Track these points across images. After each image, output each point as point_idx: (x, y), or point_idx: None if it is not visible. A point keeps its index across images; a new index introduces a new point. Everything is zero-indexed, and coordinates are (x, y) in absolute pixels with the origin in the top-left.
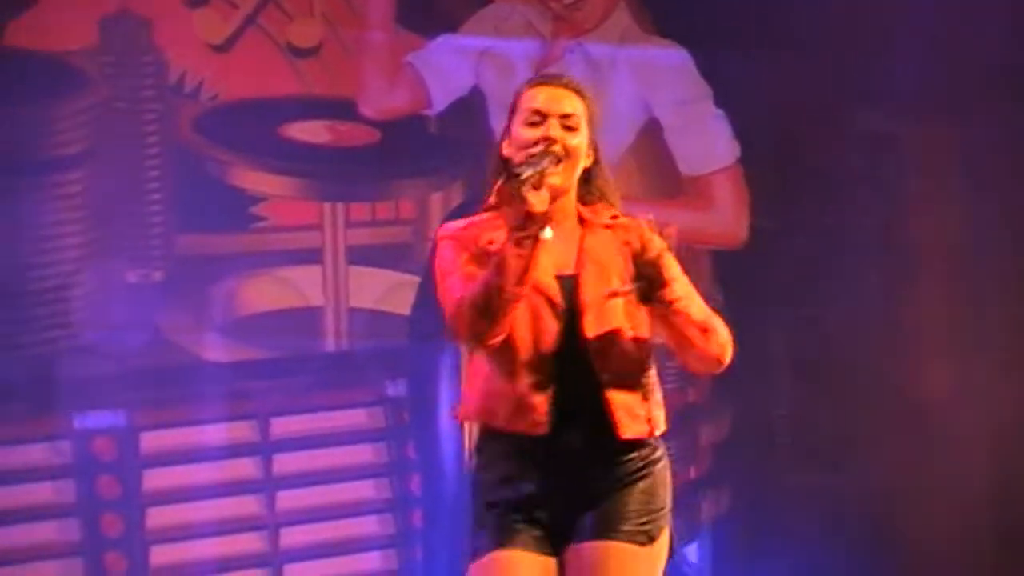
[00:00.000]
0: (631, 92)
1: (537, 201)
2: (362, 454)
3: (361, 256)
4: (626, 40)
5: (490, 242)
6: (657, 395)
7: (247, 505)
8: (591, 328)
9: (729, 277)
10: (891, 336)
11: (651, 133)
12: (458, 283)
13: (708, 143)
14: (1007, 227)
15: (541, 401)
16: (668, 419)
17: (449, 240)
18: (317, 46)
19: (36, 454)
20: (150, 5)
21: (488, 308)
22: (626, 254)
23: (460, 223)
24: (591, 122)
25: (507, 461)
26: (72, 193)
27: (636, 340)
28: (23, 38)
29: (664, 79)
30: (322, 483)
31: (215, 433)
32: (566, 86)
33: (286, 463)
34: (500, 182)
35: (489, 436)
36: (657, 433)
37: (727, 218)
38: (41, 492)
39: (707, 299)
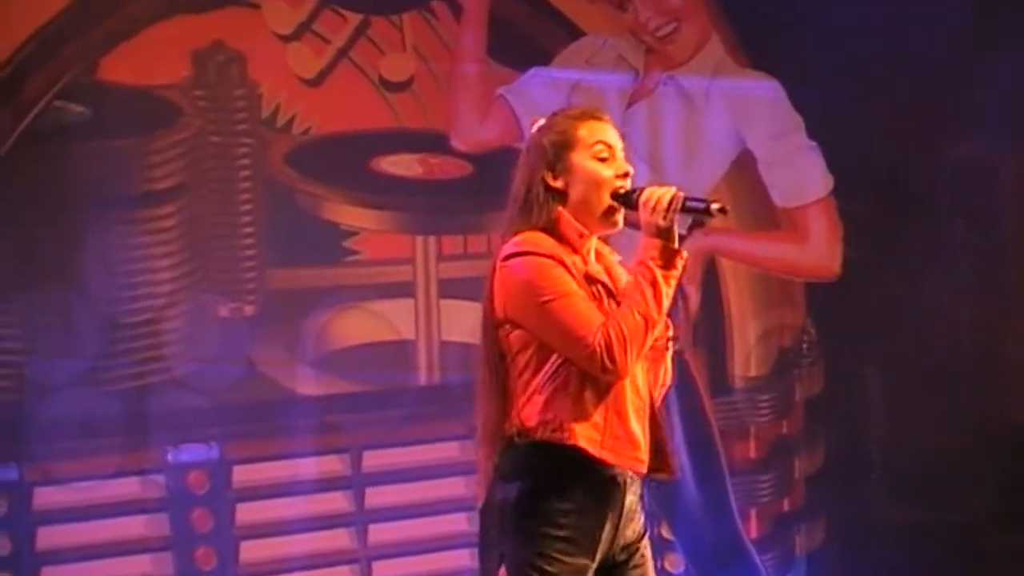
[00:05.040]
0: (725, 124)
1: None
2: (454, 487)
3: (453, 289)
4: (719, 73)
5: (596, 271)
6: None
7: (339, 538)
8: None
9: (823, 309)
10: (987, 368)
11: (745, 165)
12: (585, 307)
13: (802, 175)
14: None
15: (642, 438)
16: (762, 452)
17: (550, 260)
18: (409, 80)
19: (130, 488)
20: (243, 39)
21: (645, 342)
22: None
23: (546, 243)
24: None
25: (585, 494)
26: (165, 227)
27: None
28: (117, 72)
29: (757, 111)
30: (414, 517)
31: (307, 467)
32: (610, 122)
33: (378, 496)
34: (663, 216)
35: (585, 462)
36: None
37: (820, 250)
38: (135, 526)
39: (801, 332)
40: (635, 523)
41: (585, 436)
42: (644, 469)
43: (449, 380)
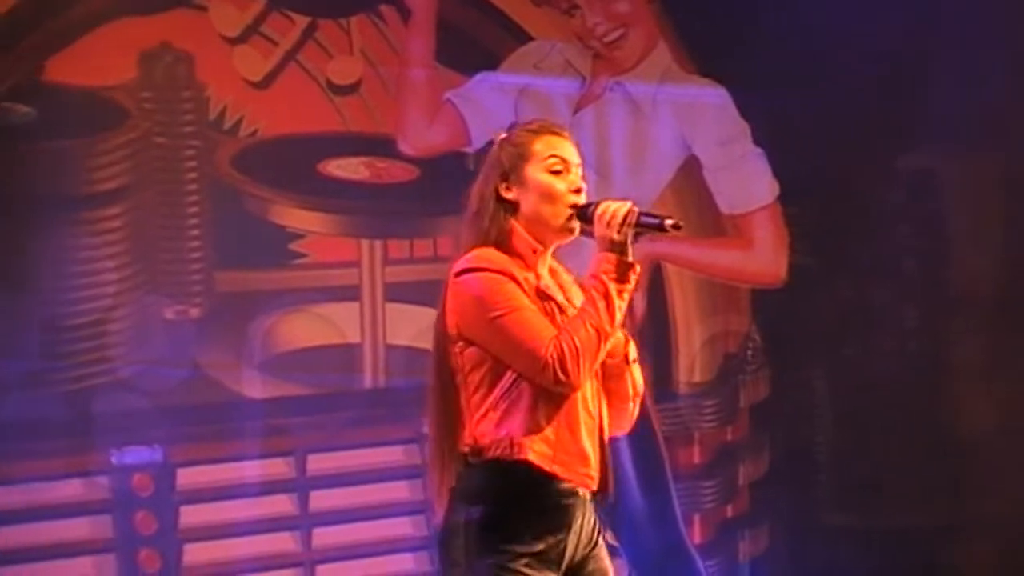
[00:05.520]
0: (671, 131)
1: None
2: (398, 491)
3: (399, 293)
4: (666, 79)
5: (547, 286)
6: None
7: (283, 542)
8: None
9: (768, 315)
10: (934, 374)
11: (691, 171)
12: (536, 321)
13: (747, 182)
14: None
15: (594, 456)
16: (707, 458)
17: (502, 275)
18: (356, 83)
19: (74, 490)
20: (190, 41)
21: (599, 354)
22: None
23: (498, 258)
24: None
25: (546, 510)
26: (111, 228)
27: None
28: (63, 73)
29: (704, 118)
30: (358, 520)
31: (252, 469)
32: (569, 138)
33: (322, 500)
34: (617, 229)
35: (530, 480)
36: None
37: (766, 257)
38: (79, 528)
39: (746, 338)
40: (594, 531)
41: (536, 451)
42: (594, 486)
43: (394, 384)
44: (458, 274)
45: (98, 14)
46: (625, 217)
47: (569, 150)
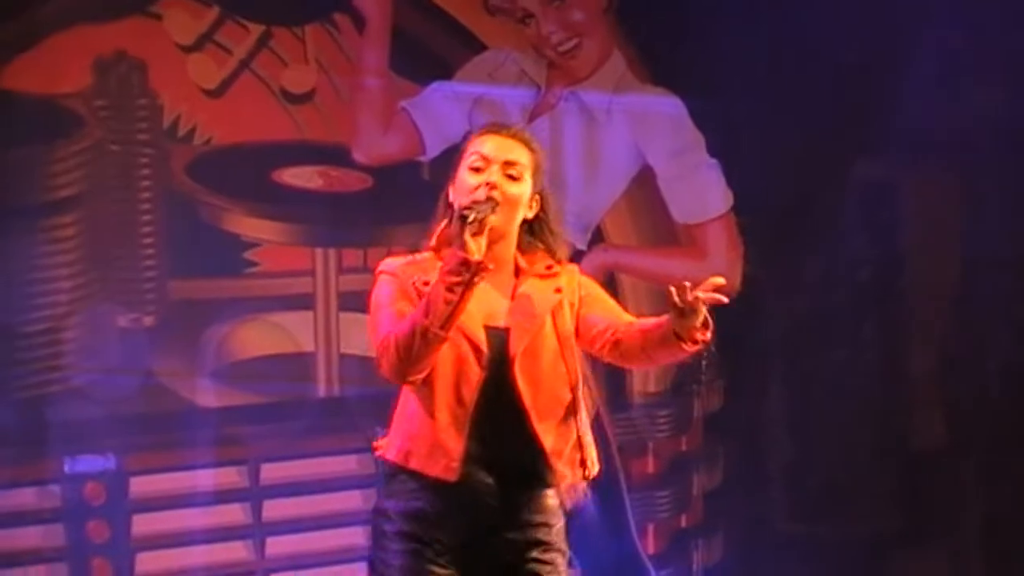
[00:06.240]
0: (625, 140)
1: (475, 248)
2: (352, 500)
3: (353, 302)
4: (620, 89)
5: (425, 283)
6: (588, 436)
7: (236, 551)
8: (522, 381)
9: (722, 326)
10: (888, 384)
11: (645, 181)
12: (388, 318)
13: (702, 192)
14: (1004, 276)
15: (456, 446)
16: (661, 468)
17: (387, 275)
18: (311, 92)
19: (26, 498)
20: (145, 49)
21: (411, 347)
22: (557, 302)
23: (401, 260)
24: (536, 174)
25: (419, 502)
26: (65, 236)
27: (570, 387)
28: (18, 81)
29: (658, 128)
30: (312, 529)
31: (205, 478)
32: (513, 136)
33: (276, 509)
34: (445, 224)
35: (403, 474)
36: (592, 475)
37: (720, 267)
38: (31, 536)
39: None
40: (518, 531)
41: (396, 448)
42: (453, 477)
43: (348, 393)
44: None
45: (52, 22)
46: (460, 211)
47: (501, 147)
